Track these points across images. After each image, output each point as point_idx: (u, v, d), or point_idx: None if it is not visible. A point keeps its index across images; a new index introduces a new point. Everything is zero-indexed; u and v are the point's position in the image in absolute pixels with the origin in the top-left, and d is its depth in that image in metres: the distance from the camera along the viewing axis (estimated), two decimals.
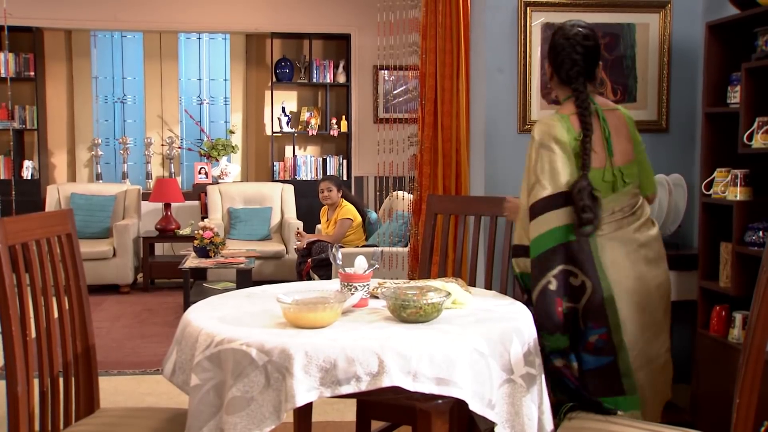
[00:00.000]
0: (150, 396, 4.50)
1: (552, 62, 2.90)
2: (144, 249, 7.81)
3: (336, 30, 8.88)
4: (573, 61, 2.83)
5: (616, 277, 2.76)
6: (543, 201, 2.71)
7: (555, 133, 2.74)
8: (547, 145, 2.74)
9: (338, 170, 9.01)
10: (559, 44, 2.87)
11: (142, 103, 9.26)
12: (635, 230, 2.82)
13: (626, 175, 2.83)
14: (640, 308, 2.79)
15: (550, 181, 2.72)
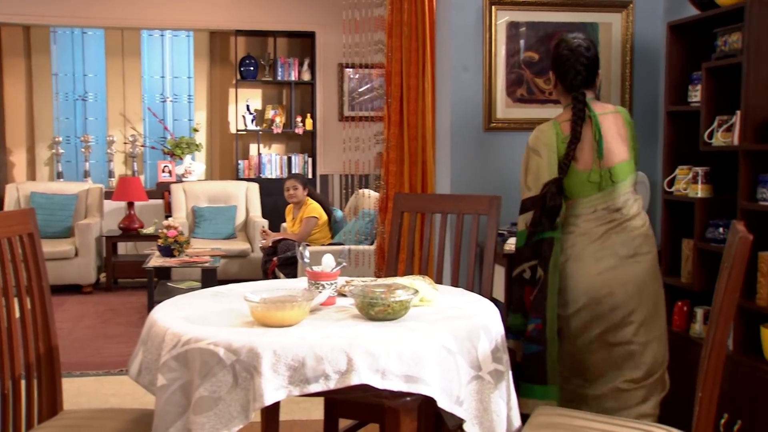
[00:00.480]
0: (114, 397, 4.44)
1: (557, 72, 3.11)
2: (107, 248, 7.71)
3: (300, 28, 8.84)
4: (576, 71, 3.04)
5: (576, 273, 2.95)
6: (527, 201, 3.02)
7: (545, 139, 3.00)
8: (536, 150, 3.01)
9: (303, 168, 8.98)
10: (564, 55, 3.06)
11: (103, 101, 9.13)
12: (611, 228, 2.97)
13: (615, 175, 2.98)
14: (597, 302, 2.94)
15: (534, 184, 3.00)
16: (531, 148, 3.03)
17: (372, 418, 3.14)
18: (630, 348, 2.96)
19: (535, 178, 2.99)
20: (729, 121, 3.17)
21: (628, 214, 2.99)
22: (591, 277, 2.94)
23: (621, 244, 2.95)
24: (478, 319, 2.35)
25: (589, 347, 2.99)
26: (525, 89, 4.11)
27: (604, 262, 2.94)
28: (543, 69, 4.09)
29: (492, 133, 4.11)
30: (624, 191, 2.99)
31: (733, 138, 3.13)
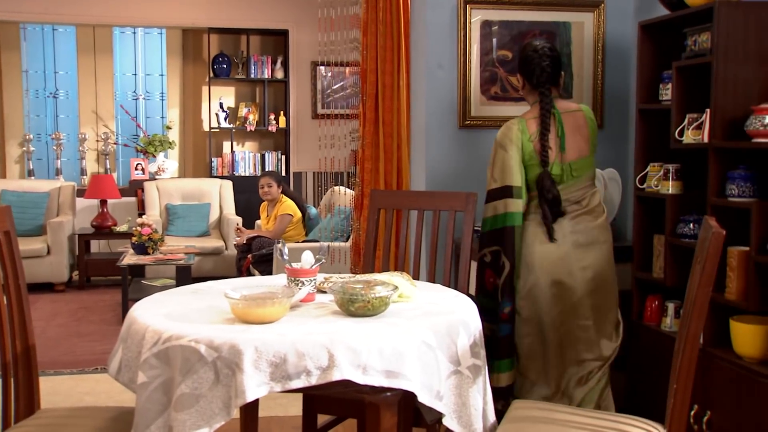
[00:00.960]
0: (89, 395, 4.42)
1: (524, 72, 3.34)
2: (80, 246, 7.65)
3: (274, 26, 8.83)
4: (542, 68, 3.27)
5: (541, 255, 3.20)
6: (492, 191, 3.23)
7: (511, 135, 3.20)
8: (503, 145, 3.21)
9: (277, 166, 8.98)
10: (529, 55, 3.30)
11: (75, 98, 9.05)
12: (571, 218, 3.22)
13: (575, 170, 3.22)
14: (556, 282, 3.20)
15: (500, 176, 3.20)
16: (498, 143, 3.24)
17: (350, 414, 3.17)
18: (585, 326, 3.21)
19: (501, 170, 3.20)
20: (699, 119, 3.23)
21: (587, 205, 3.24)
22: (551, 259, 3.19)
23: (580, 233, 3.21)
24: (457, 314, 2.38)
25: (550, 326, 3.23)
26: (499, 87, 4.15)
27: (564, 247, 3.19)
28: (516, 67, 4.13)
29: (466, 131, 4.15)
30: (583, 185, 3.25)
31: (702, 135, 3.19)
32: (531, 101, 3.35)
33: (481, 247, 3.27)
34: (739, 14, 3.06)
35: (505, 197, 3.18)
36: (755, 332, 2.91)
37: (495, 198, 3.21)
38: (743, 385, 2.92)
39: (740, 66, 3.07)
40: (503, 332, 3.21)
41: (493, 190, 3.22)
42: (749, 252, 2.91)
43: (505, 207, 3.18)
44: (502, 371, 3.22)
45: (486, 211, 3.25)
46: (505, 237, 3.19)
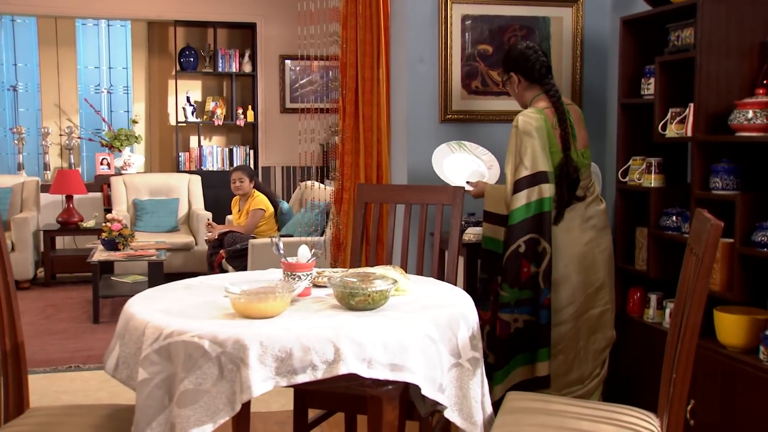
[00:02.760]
0: (65, 394, 4.35)
1: (521, 70, 3.41)
2: (45, 243, 7.50)
3: (241, 19, 8.75)
4: (541, 62, 3.38)
5: (568, 243, 3.28)
6: (523, 179, 3.22)
7: (536, 123, 3.24)
8: (529, 132, 3.23)
9: (245, 160, 8.91)
10: (525, 53, 3.40)
11: (36, 92, 8.86)
12: (586, 205, 3.34)
13: (585, 157, 3.37)
14: (584, 267, 3.30)
15: (531, 163, 3.22)
16: (523, 131, 3.24)
17: (340, 408, 3.16)
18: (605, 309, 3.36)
19: (532, 157, 3.21)
20: (682, 114, 3.28)
21: (594, 192, 3.39)
22: (579, 246, 3.29)
23: (596, 217, 3.34)
24: (456, 307, 2.39)
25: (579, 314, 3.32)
26: (479, 81, 4.17)
27: (587, 234, 3.31)
28: (497, 62, 4.16)
29: (447, 125, 4.17)
30: (589, 172, 3.39)
31: (686, 129, 3.24)
32: (529, 97, 3.41)
33: (514, 239, 3.23)
34: (722, 10, 3.12)
35: (539, 183, 3.21)
36: (739, 322, 2.97)
37: (527, 186, 3.22)
38: (727, 374, 2.98)
39: (723, 61, 3.13)
40: (543, 320, 3.24)
41: (524, 178, 3.22)
42: (733, 244, 2.97)
43: (539, 193, 3.20)
44: (542, 360, 3.26)
45: (516, 201, 3.22)
46: (542, 223, 3.21)
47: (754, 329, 2.93)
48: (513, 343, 3.26)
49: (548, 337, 3.25)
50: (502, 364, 3.28)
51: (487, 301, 3.36)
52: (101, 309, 6.11)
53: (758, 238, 2.89)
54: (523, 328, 3.24)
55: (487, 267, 3.38)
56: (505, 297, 3.24)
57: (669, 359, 2.31)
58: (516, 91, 3.48)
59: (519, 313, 3.24)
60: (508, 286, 3.24)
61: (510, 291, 3.23)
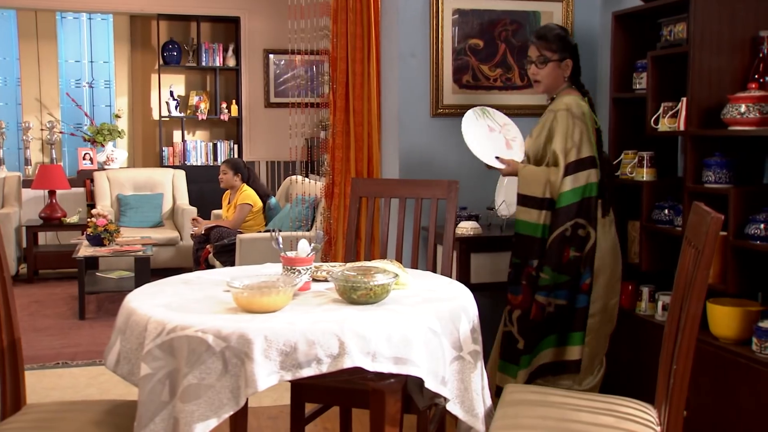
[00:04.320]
0: (54, 391, 4.32)
1: (575, 59, 3.39)
2: (28, 238, 7.43)
3: (225, 12, 8.69)
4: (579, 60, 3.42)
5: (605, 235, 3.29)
6: (575, 163, 3.22)
7: (584, 109, 3.28)
8: (580, 118, 3.25)
9: (229, 155, 8.86)
10: (575, 47, 3.41)
11: (14, 85, 8.76)
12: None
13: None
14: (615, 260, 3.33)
15: (582, 148, 3.22)
16: (573, 114, 3.24)
17: (335, 402, 3.16)
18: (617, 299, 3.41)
19: (582, 142, 3.22)
20: (674, 108, 3.31)
21: None
22: (612, 238, 3.32)
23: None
24: (456, 301, 2.40)
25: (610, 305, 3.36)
26: (470, 76, 4.18)
27: (614, 225, 3.35)
28: (488, 56, 4.18)
29: (439, 119, 4.17)
30: None
31: (678, 123, 3.27)
32: (561, 88, 3.40)
33: (560, 222, 3.22)
34: (714, 5, 3.14)
35: (587, 168, 3.21)
36: (732, 314, 3.00)
37: (576, 170, 3.21)
38: (719, 365, 3.01)
39: (715, 56, 3.15)
40: (580, 304, 3.25)
41: (574, 162, 3.22)
42: (727, 236, 3.00)
43: (587, 178, 3.21)
44: (575, 344, 3.28)
45: (566, 184, 3.21)
46: (589, 208, 3.21)
47: (747, 321, 2.97)
48: (545, 326, 3.27)
49: (583, 322, 3.27)
50: (531, 348, 3.29)
51: (518, 285, 3.32)
52: (86, 305, 6.07)
53: (751, 231, 2.92)
54: (555, 313, 3.25)
55: (521, 251, 3.32)
56: (545, 280, 3.24)
57: (667, 351, 2.33)
58: (555, 77, 3.39)
59: (554, 297, 3.25)
60: (551, 269, 3.23)
61: (551, 274, 3.23)
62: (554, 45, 3.36)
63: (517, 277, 3.33)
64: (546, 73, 3.37)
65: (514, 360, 3.33)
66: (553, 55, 3.35)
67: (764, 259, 3.02)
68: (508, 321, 3.38)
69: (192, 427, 2.00)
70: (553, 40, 3.36)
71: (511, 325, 3.35)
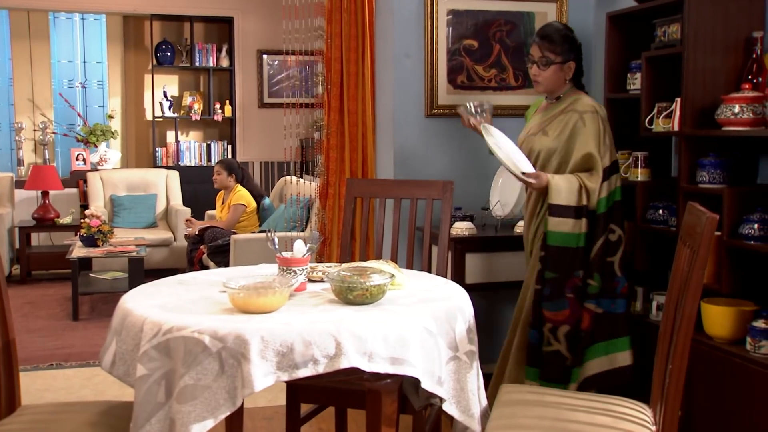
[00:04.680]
0: (48, 392, 4.30)
1: (578, 60, 3.28)
2: (21, 240, 7.40)
3: (218, 13, 8.69)
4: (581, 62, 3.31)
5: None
6: (612, 165, 3.16)
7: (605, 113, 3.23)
8: (606, 121, 3.20)
9: (223, 155, 8.85)
10: (578, 48, 3.28)
11: (7, 86, 8.73)
12: None
13: None
14: None
15: (612, 150, 3.18)
16: (602, 118, 3.19)
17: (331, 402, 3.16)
18: None
19: (611, 145, 3.19)
20: (668, 108, 3.32)
21: None
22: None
23: None
24: (452, 301, 2.40)
25: None
26: (465, 76, 4.18)
27: None
28: (482, 56, 4.18)
29: (433, 119, 4.18)
30: None
31: (673, 124, 3.28)
32: (560, 90, 3.29)
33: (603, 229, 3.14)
34: (708, 6, 3.15)
35: (615, 172, 3.18)
36: (726, 314, 3.02)
37: (614, 171, 3.18)
38: (714, 365, 3.02)
39: (709, 56, 3.16)
40: (620, 309, 3.18)
41: (613, 164, 3.18)
42: (721, 236, 3.01)
43: (616, 182, 3.18)
44: (621, 350, 3.18)
45: (602, 190, 3.13)
46: (619, 212, 3.18)
47: (741, 321, 2.98)
48: (591, 335, 3.18)
49: (627, 326, 3.20)
50: (580, 360, 3.18)
51: (562, 299, 3.14)
52: (80, 306, 6.05)
53: (745, 231, 2.94)
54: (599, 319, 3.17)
55: (559, 264, 3.14)
56: (595, 287, 3.15)
57: (662, 351, 2.34)
58: (556, 79, 3.26)
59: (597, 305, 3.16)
60: (600, 276, 3.15)
61: (600, 281, 3.15)
62: (558, 47, 3.22)
63: (560, 291, 3.14)
64: (547, 75, 3.25)
65: (563, 379, 3.18)
66: (556, 58, 3.22)
67: (758, 259, 3.04)
68: (554, 340, 3.18)
69: (188, 428, 2.00)
70: (558, 42, 3.22)
71: (558, 343, 3.17)
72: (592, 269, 3.14)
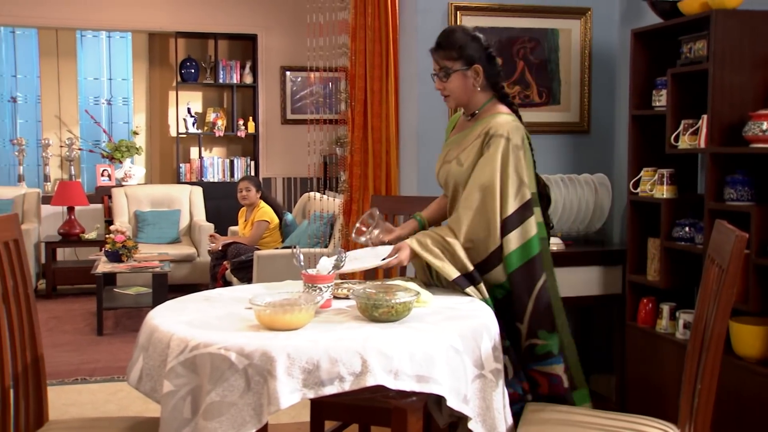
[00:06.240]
0: (73, 407, 4.33)
1: (487, 65, 2.79)
2: (47, 254, 7.47)
3: (242, 30, 8.76)
4: (496, 63, 2.84)
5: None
6: (531, 200, 2.72)
7: (523, 134, 2.75)
8: (521, 146, 2.72)
9: (246, 172, 8.90)
10: (483, 43, 2.80)
11: (35, 103, 8.85)
12: None
13: None
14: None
15: (530, 181, 2.74)
16: (514, 144, 2.69)
17: (355, 419, 3.16)
18: None
19: (529, 174, 2.73)
20: (695, 125, 3.30)
21: None
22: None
23: None
24: (478, 319, 2.39)
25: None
26: None
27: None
28: (506, 73, 4.17)
29: None
30: None
31: (699, 141, 3.26)
32: (482, 100, 2.82)
33: (538, 272, 2.72)
34: (735, 22, 3.14)
35: (528, 216, 2.70)
36: (755, 333, 2.98)
37: (535, 205, 2.75)
38: (743, 385, 2.99)
39: (736, 73, 3.15)
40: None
41: (532, 198, 2.73)
42: (749, 255, 2.98)
43: (532, 228, 2.71)
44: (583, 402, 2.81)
45: (531, 226, 2.70)
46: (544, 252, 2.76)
47: None
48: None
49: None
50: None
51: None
52: (104, 321, 6.09)
53: None
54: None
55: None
56: (549, 346, 2.74)
57: (690, 370, 2.31)
58: (464, 89, 2.79)
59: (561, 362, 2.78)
60: (547, 332, 2.75)
61: (551, 337, 2.75)
62: (454, 51, 2.75)
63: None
64: (453, 87, 2.78)
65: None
66: (454, 64, 2.76)
67: None
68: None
69: None
70: (451, 46, 2.76)
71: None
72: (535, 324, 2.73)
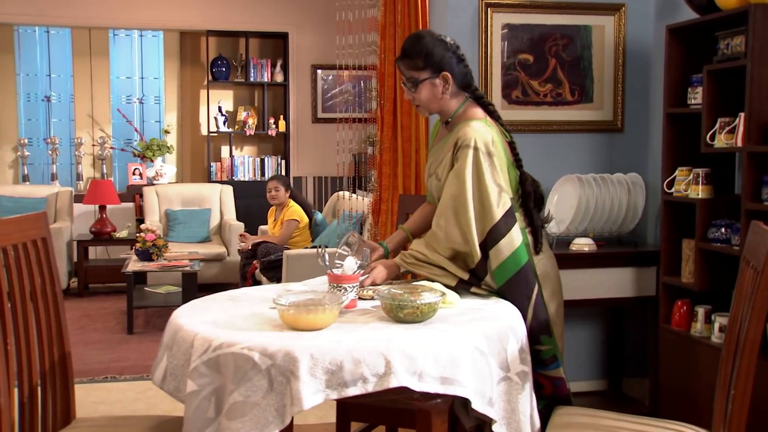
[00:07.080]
0: (102, 405, 4.35)
1: (454, 69, 2.70)
2: (79, 253, 7.54)
3: (273, 28, 8.77)
4: (466, 64, 2.76)
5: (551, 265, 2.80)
6: (512, 206, 2.62)
7: (493, 137, 2.64)
8: (492, 152, 2.61)
9: (277, 170, 8.92)
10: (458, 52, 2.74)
11: (68, 102, 8.95)
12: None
13: None
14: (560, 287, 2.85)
15: (507, 184, 2.64)
16: (484, 151, 2.58)
17: (381, 421, 3.13)
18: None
19: (505, 179, 2.64)
20: (731, 123, 3.22)
21: None
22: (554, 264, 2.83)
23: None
24: (504, 320, 2.35)
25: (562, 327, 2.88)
26: (520, 91, 4.13)
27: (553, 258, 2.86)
28: (538, 71, 4.13)
29: None
30: None
31: (736, 139, 3.18)
32: (455, 105, 2.73)
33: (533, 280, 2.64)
34: None
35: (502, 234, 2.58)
36: None
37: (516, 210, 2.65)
38: None
39: None
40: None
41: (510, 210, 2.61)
42: None
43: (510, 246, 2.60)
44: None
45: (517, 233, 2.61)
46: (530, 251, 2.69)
47: None
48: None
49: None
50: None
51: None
52: (135, 319, 6.13)
53: None
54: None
55: None
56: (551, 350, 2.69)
57: (725, 375, 2.24)
58: (434, 96, 2.70)
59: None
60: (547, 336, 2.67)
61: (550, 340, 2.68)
62: (420, 61, 2.66)
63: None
64: (423, 97, 2.71)
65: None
66: (421, 74, 2.67)
67: None
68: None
69: None
70: (416, 55, 2.67)
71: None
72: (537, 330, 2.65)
